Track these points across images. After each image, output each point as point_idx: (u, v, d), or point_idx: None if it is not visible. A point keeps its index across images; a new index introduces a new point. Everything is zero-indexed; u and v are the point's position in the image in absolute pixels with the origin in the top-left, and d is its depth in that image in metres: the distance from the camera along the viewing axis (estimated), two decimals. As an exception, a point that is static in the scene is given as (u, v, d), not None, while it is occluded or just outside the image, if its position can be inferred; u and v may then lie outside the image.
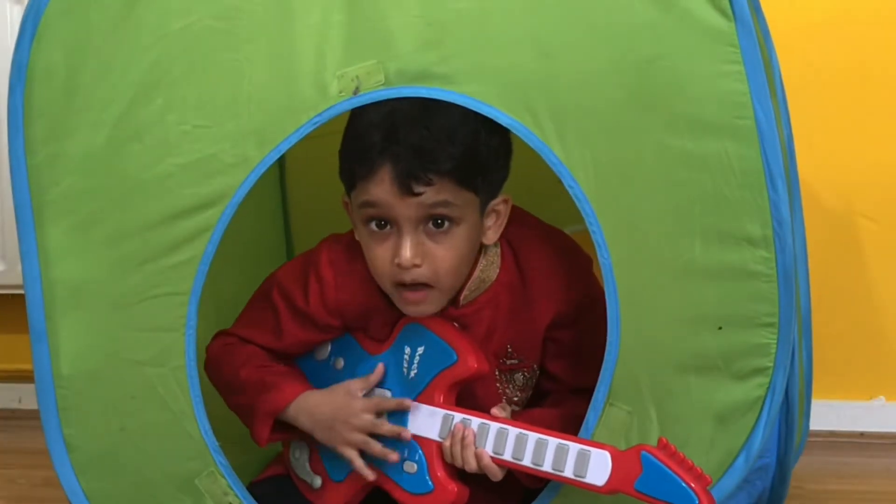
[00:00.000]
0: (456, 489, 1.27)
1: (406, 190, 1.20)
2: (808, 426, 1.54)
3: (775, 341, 1.16)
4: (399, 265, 1.23)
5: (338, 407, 1.29)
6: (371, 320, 1.35)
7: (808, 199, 1.60)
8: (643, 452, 1.15)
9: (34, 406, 1.33)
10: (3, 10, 2.04)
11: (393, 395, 1.31)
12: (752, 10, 1.16)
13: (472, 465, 1.24)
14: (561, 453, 1.19)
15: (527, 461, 1.21)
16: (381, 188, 1.21)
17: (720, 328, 1.17)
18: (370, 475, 1.28)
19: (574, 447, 1.19)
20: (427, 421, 1.28)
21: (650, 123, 1.16)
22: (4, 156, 1.34)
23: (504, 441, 1.23)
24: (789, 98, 1.46)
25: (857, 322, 1.99)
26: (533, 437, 1.21)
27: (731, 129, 1.14)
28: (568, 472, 1.19)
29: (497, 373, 1.34)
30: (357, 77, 1.21)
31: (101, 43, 1.26)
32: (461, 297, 1.31)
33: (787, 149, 1.32)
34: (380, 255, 1.25)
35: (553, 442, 1.20)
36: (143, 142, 1.26)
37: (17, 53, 1.27)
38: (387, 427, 1.28)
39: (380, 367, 1.31)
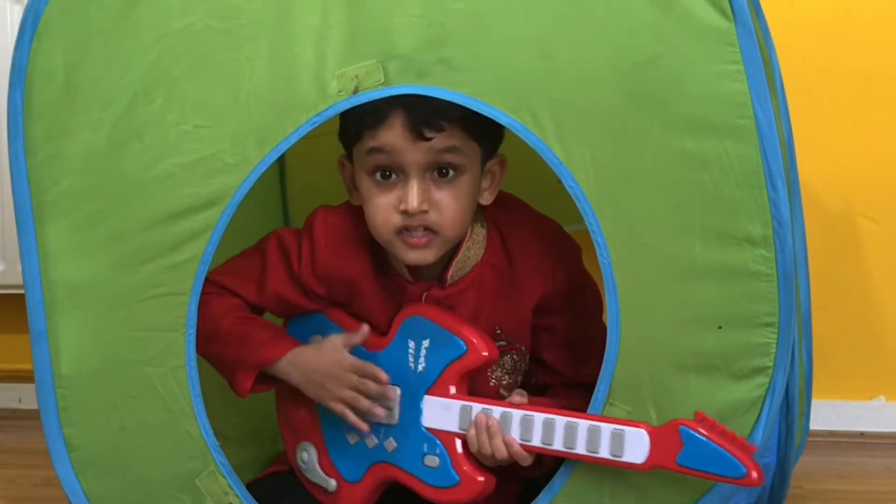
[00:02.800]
0: (484, 478, 1.27)
1: (417, 135, 1.22)
2: (808, 426, 1.54)
3: (775, 341, 1.16)
4: (406, 211, 1.24)
5: (328, 364, 1.30)
6: (355, 295, 1.35)
7: (808, 199, 1.60)
8: (681, 427, 1.15)
9: (34, 406, 1.33)
10: (3, 10, 2.03)
11: (402, 391, 1.31)
12: (752, 10, 1.16)
13: (502, 453, 1.24)
14: (594, 435, 1.19)
15: (558, 445, 1.21)
16: (392, 133, 1.23)
17: (720, 328, 1.17)
18: (364, 426, 1.29)
19: (606, 427, 1.18)
20: (443, 414, 1.28)
21: (650, 123, 1.16)
22: (4, 156, 1.34)
23: (530, 427, 1.22)
24: (789, 98, 1.46)
25: (857, 322, 1.99)
26: (561, 420, 1.21)
27: (731, 129, 1.14)
28: (604, 453, 1.18)
29: None
30: (357, 76, 1.21)
31: (101, 43, 1.26)
32: (447, 277, 1.32)
33: (787, 149, 1.32)
34: (383, 203, 1.26)
35: (584, 424, 1.19)
36: (143, 141, 1.26)
37: (17, 53, 1.27)
38: (371, 386, 1.29)
39: (364, 327, 1.31)
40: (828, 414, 1.95)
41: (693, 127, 1.15)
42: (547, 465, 1.27)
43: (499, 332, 1.34)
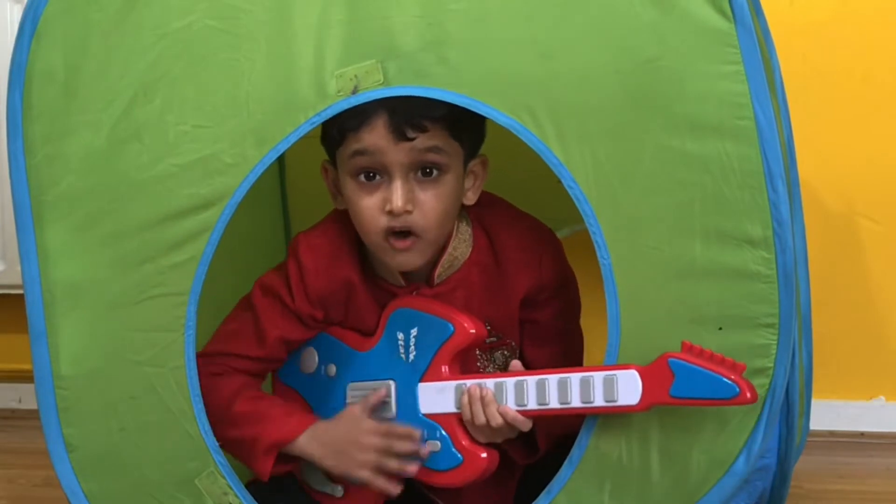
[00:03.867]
0: (487, 454, 1.27)
1: (400, 135, 1.23)
2: (808, 426, 1.54)
3: (776, 342, 1.16)
4: (390, 212, 1.25)
5: (347, 430, 1.30)
6: (351, 307, 1.36)
7: (808, 199, 1.60)
8: (670, 359, 1.15)
9: (34, 406, 1.33)
10: (3, 9, 2.04)
11: (397, 384, 1.31)
12: (752, 11, 1.15)
13: (497, 421, 1.23)
14: (586, 385, 1.19)
15: (553, 404, 1.21)
16: (375, 134, 1.23)
17: (720, 329, 1.17)
18: (395, 489, 1.29)
19: (598, 375, 1.18)
20: (439, 397, 1.29)
21: (650, 124, 1.16)
22: (4, 156, 1.34)
23: (524, 392, 1.22)
24: (789, 98, 1.46)
25: (857, 322, 1.99)
26: (553, 378, 1.21)
27: (731, 130, 1.14)
28: (598, 402, 1.18)
29: (477, 352, 1.35)
30: (356, 76, 1.21)
31: (100, 43, 1.26)
32: (435, 276, 1.33)
33: (787, 149, 1.32)
34: (368, 205, 1.26)
35: (576, 377, 1.19)
36: (143, 142, 1.26)
37: (17, 53, 1.27)
38: (399, 445, 1.28)
39: (382, 392, 1.31)
40: (828, 414, 1.95)
41: (693, 127, 1.15)
42: (544, 448, 1.28)
43: (489, 328, 1.34)
